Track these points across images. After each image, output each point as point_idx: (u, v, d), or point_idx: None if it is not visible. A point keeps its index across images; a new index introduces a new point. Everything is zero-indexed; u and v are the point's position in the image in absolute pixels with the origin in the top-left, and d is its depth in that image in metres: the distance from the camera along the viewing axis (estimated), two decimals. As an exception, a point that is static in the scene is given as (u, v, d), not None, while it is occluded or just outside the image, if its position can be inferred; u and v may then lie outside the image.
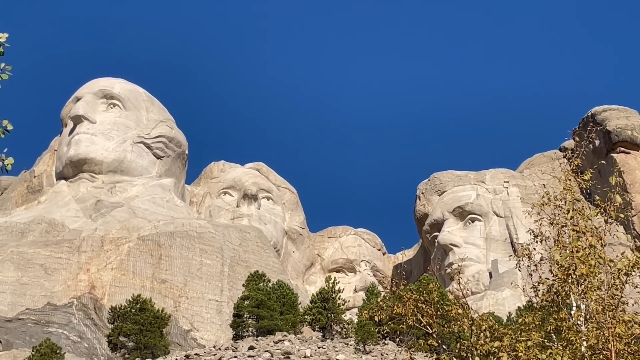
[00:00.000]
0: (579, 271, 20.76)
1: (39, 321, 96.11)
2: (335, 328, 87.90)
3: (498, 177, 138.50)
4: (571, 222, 21.95)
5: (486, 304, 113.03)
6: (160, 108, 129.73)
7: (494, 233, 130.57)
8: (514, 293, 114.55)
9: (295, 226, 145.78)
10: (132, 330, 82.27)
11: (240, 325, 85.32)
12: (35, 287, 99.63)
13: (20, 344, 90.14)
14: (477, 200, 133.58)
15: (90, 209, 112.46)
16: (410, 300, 21.48)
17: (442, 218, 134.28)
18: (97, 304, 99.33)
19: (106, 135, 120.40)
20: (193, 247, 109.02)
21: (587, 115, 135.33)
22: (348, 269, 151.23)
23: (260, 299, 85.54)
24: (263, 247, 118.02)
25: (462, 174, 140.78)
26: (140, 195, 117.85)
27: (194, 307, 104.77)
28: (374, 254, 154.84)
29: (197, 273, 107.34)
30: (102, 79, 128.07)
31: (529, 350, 20.46)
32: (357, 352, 78.52)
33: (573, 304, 21.55)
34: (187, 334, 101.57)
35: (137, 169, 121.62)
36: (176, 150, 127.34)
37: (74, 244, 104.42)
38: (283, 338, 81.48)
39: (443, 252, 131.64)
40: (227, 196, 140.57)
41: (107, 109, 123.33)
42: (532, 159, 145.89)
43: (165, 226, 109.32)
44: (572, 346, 20.31)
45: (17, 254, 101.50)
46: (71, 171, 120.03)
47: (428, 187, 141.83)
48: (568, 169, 24.76)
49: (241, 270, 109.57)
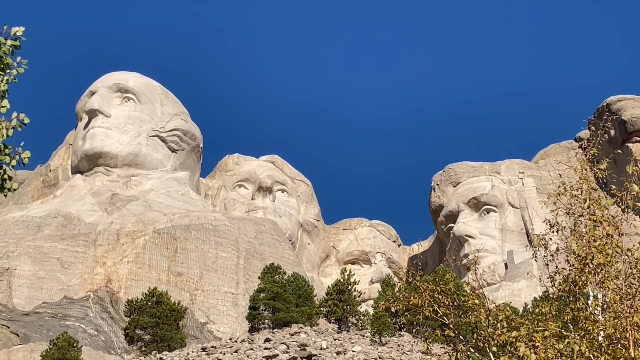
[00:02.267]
0: (596, 261, 20.70)
1: (56, 315, 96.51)
2: (351, 320, 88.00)
3: (513, 168, 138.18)
4: (588, 211, 21.88)
5: (502, 294, 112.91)
6: (174, 101, 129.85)
7: (509, 224, 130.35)
8: (529, 284, 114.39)
9: (310, 218, 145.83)
10: (149, 323, 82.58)
11: (256, 318, 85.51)
12: (52, 280, 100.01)
13: (38, 338, 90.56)
14: (492, 191, 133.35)
15: (105, 202, 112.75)
16: (427, 291, 21.48)
17: (457, 209, 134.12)
18: (113, 297, 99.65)
19: (121, 129, 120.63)
20: (208, 240, 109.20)
21: (602, 105, 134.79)
22: (363, 260, 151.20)
23: (276, 291, 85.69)
24: (278, 240, 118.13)
25: (477, 165, 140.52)
26: (155, 189, 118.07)
27: (209, 299, 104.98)
28: (389, 245, 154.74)
29: (212, 266, 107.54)
30: (116, 72, 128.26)
31: (546, 340, 20.43)
32: (373, 343, 78.59)
33: (590, 294, 21.51)
34: (204, 327, 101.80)
35: (152, 163, 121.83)
36: (191, 143, 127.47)
37: (90, 238, 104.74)
38: (299, 330, 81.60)
39: (458, 243, 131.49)
40: (242, 189, 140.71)
41: (121, 102, 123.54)
42: (548, 149, 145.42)
43: (180, 219, 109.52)
44: (589, 336, 20.28)
45: (34, 248, 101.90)
46: (86, 165, 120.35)
47: (443, 178, 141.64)
48: (584, 159, 24.67)
49: (257, 262, 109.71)
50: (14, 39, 14.57)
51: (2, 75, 14.46)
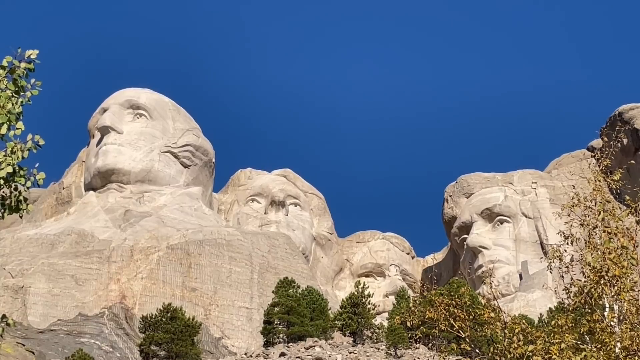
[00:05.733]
0: (612, 273, 20.63)
1: (71, 332, 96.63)
2: (366, 333, 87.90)
3: (526, 178, 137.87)
4: (602, 223, 21.81)
5: (517, 305, 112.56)
6: (186, 117, 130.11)
7: (523, 234, 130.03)
8: (544, 294, 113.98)
9: (324, 232, 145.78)
10: (164, 339, 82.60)
11: (271, 332, 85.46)
12: (66, 298, 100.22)
13: (53, 355, 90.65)
14: (505, 202, 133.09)
15: (119, 219, 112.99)
16: (442, 304, 21.45)
17: (470, 220, 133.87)
18: (128, 313, 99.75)
19: (133, 146, 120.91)
20: (222, 254, 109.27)
21: (614, 114, 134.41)
22: (377, 273, 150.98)
23: (290, 305, 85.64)
24: (292, 254, 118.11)
25: (489, 175, 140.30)
26: (168, 205, 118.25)
27: (224, 314, 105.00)
28: (403, 257, 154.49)
29: (226, 281, 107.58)
30: (128, 89, 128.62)
31: (563, 353, 20.37)
32: (389, 356, 78.48)
33: (606, 305, 21.44)
34: (218, 342, 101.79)
35: (164, 178, 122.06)
36: (203, 158, 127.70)
37: (103, 254, 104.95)
38: (314, 344, 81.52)
39: (472, 255, 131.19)
40: (254, 203, 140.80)
41: (133, 119, 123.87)
42: (560, 159, 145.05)
43: (194, 234, 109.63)
44: (606, 348, 20.20)
45: (48, 265, 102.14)
46: (99, 182, 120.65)
47: (456, 189, 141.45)
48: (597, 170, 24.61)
49: (270, 277, 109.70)
50: (28, 62, 14.70)
51: (17, 97, 14.58)
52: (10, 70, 14.60)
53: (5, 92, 14.45)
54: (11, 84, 14.56)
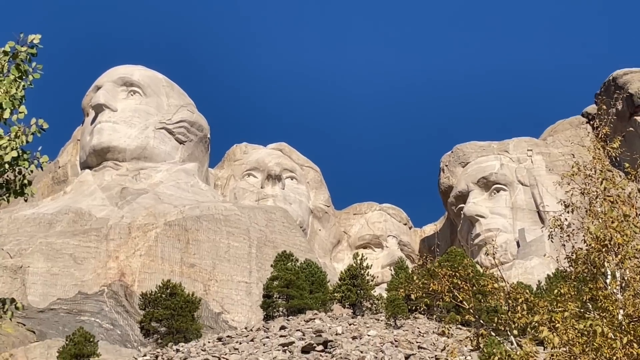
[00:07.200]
0: (614, 241, 20.70)
1: (71, 310, 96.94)
2: (365, 304, 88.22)
3: (521, 146, 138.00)
4: (604, 192, 21.86)
5: (515, 273, 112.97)
6: (180, 93, 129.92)
7: (519, 202, 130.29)
8: (542, 261, 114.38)
9: (321, 204, 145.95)
10: (164, 315, 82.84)
11: (271, 306, 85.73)
12: (65, 276, 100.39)
13: (54, 334, 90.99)
14: (501, 170, 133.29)
15: (115, 196, 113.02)
16: (445, 277, 21.51)
17: (467, 189, 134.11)
18: (127, 290, 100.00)
19: (128, 123, 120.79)
20: (220, 230, 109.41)
21: (608, 79, 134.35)
22: (375, 244, 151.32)
23: (289, 278, 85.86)
24: (289, 227, 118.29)
25: (485, 144, 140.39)
26: (164, 181, 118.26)
27: (223, 289, 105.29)
28: (400, 228, 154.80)
29: (225, 256, 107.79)
30: (121, 66, 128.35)
31: (566, 321, 20.45)
32: (389, 327, 78.79)
33: (608, 273, 21.52)
34: (218, 317, 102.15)
35: (160, 155, 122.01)
36: (198, 134, 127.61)
37: (101, 233, 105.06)
38: (314, 316, 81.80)
39: (469, 224, 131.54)
40: (251, 178, 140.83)
41: (127, 96, 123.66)
42: (555, 125, 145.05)
43: (191, 210, 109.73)
44: (609, 315, 20.30)
45: (46, 244, 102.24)
46: (95, 160, 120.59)
47: (451, 159, 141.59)
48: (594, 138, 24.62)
49: (269, 251, 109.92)
50: (30, 47, 14.67)
51: (20, 82, 14.57)
52: (13, 55, 14.58)
53: (9, 77, 14.44)
54: (14, 69, 14.55)
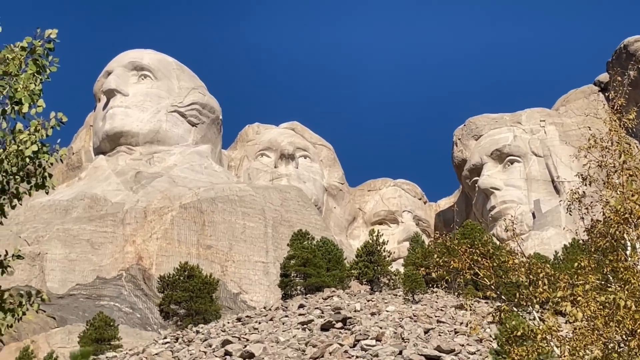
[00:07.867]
0: (636, 214, 20.66)
1: (90, 295, 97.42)
2: (383, 280, 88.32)
3: (534, 117, 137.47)
4: (623, 165, 21.77)
5: (531, 244, 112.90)
6: (190, 75, 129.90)
7: (534, 173, 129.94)
8: (558, 231, 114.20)
9: (335, 182, 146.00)
10: (183, 297, 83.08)
11: (288, 285, 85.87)
12: (83, 262, 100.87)
13: (74, 319, 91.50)
14: (514, 142, 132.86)
15: (130, 181, 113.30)
16: (466, 254, 21.52)
17: (480, 162, 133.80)
18: (145, 274, 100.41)
19: (140, 107, 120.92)
20: (235, 211, 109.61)
21: (619, 47, 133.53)
22: (390, 220, 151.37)
23: (306, 257, 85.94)
24: (304, 206, 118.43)
25: (497, 116, 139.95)
26: (178, 164, 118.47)
27: (241, 270, 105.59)
28: (415, 203, 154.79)
29: (241, 236, 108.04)
30: (131, 51, 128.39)
31: (587, 294, 20.47)
32: (407, 302, 78.82)
33: (628, 245, 21.48)
34: (237, 297, 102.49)
35: (173, 138, 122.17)
36: (210, 116, 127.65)
37: (117, 217, 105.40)
38: (332, 294, 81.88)
39: (484, 197, 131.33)
40: (264, 158, 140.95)
41: (138, 80, 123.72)
42: (567, 95, 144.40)
43: (205, 192, 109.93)
44: (630, 286, 20.30)
45: (63, 231, 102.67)
46: (108, 145, 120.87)
47: (464, 132, 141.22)
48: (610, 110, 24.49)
49: (284, 230, 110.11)
50: (47, 42, 14.77)
51: (37, 76, 14.66)
52: (31, 51, 14.69)
53: (27, 72, 14.54)
54: (32, 64, 14.65)
